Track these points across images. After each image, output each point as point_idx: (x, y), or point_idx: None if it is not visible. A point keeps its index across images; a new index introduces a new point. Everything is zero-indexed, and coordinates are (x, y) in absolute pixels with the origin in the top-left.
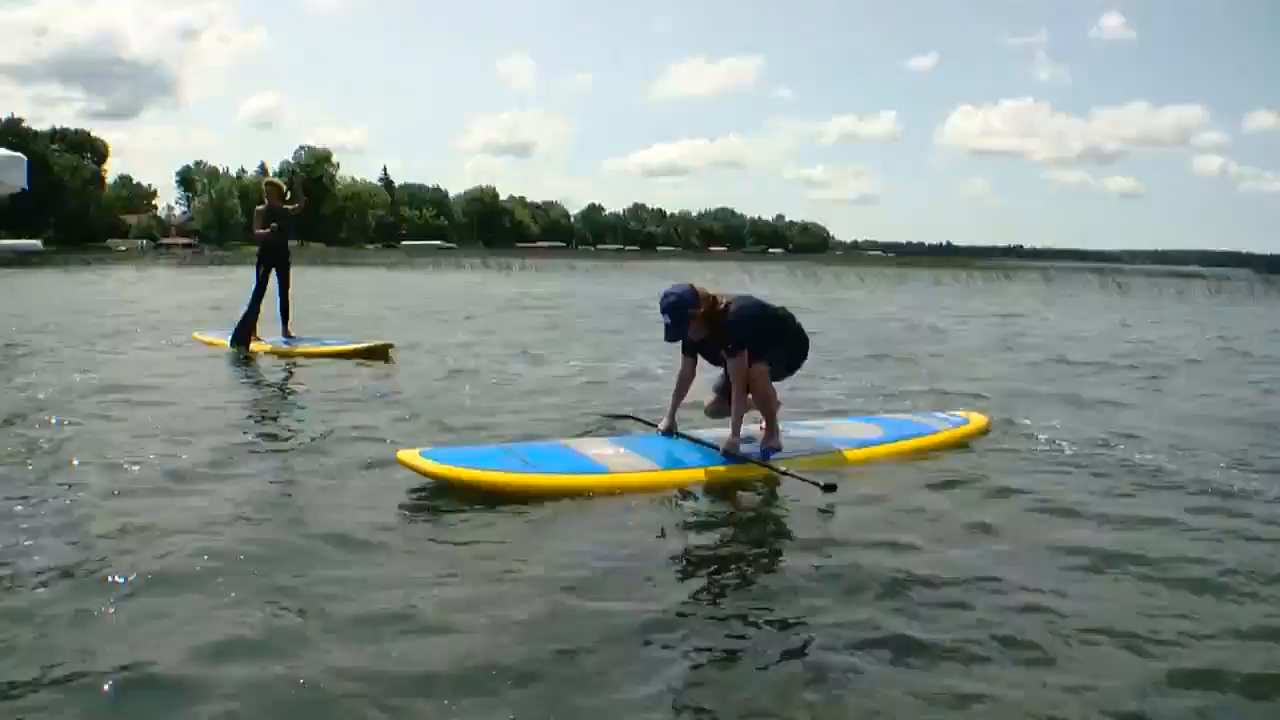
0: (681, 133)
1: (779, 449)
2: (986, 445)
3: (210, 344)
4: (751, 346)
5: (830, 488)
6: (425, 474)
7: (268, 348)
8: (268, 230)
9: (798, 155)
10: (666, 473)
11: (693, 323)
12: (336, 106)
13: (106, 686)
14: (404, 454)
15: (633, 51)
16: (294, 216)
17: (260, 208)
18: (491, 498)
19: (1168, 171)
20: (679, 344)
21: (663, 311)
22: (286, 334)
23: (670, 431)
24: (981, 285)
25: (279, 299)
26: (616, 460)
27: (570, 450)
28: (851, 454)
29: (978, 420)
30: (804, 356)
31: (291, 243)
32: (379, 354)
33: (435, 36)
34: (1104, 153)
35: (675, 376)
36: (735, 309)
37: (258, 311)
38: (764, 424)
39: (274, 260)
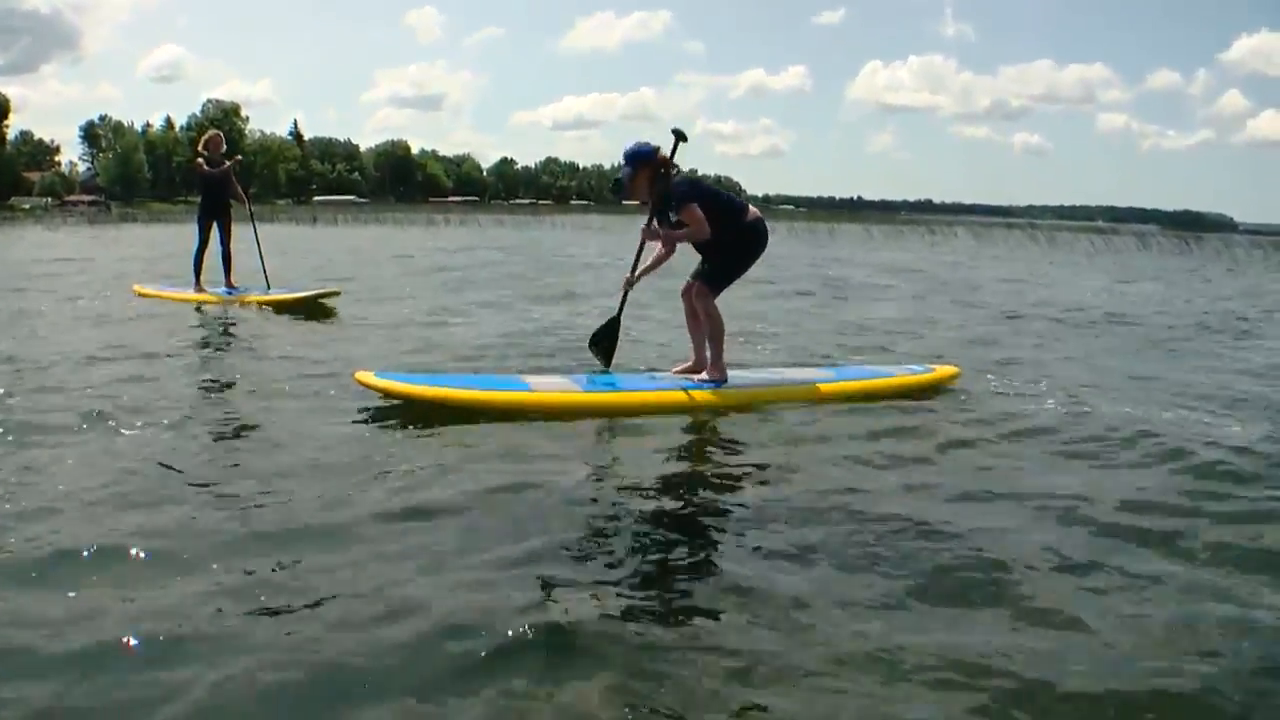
0: (591, 86)
1: (723, 380)
2: (948, 393)
3: (153, 296)
4: (697, 198)
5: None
6: (374, 389)
7: (213, 298)
8: (206, 167)
9: (708, 109)
10: (582, 395)
11: (637, 177)
12: (240, 60)
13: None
14: (361, 374)
15: (541, 4)
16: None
17: (202, 157)
18: (427, 417)
19: (1072, 128)
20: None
21: (625, 161)
22: (229, 285)
23: (630, 283)
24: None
25: (221, 250)
26: (542, 383)
27: (513, 378)
28: (798, 391)
29: (944, 370)
30: (758, 248)
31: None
32: (325, 301)
33: None
34: (1010, 109)
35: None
36: (680, 178)
37: (201, 258)
38: (710, 352)
39: (216, 213)
